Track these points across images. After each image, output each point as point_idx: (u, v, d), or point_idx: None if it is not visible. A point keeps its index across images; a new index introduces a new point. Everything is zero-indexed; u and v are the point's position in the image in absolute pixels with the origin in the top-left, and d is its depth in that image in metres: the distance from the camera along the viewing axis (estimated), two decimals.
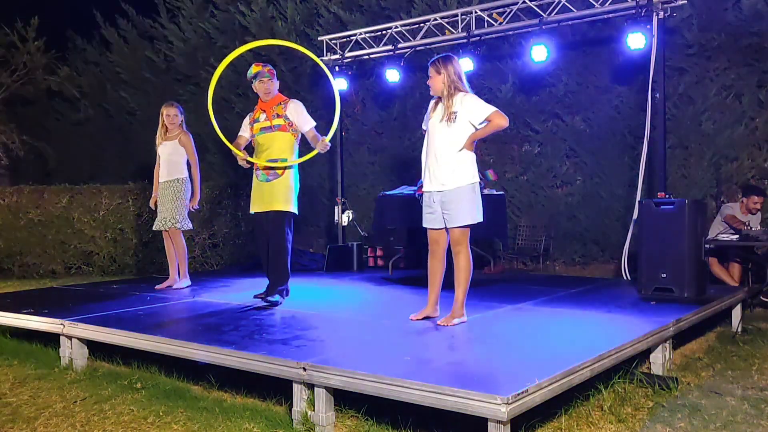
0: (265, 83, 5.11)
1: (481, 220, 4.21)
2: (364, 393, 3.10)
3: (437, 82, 4.23)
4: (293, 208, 5.10)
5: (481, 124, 4.15)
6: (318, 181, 10.00)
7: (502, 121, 4.13)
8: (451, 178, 4.15)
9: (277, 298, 5.01)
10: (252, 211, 5.19)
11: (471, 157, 4.20)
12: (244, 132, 5.26)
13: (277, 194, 5.04)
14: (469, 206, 4.15)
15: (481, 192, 4.29)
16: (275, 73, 5.18)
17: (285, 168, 5.06)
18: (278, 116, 5.07)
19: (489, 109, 4.14)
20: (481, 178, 4.28)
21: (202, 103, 11.28)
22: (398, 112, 9.24)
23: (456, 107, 4.16)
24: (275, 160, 5.04)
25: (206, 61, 10.90)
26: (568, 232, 8.12)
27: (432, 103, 4.36)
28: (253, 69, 5.12)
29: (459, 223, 4.14)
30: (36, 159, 12.80)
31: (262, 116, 5.13)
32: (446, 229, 4.24)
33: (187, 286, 6.20)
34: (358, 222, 8.58)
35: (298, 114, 5.11)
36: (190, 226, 6.28)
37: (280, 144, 5.06)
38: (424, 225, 4.33)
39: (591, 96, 7.90)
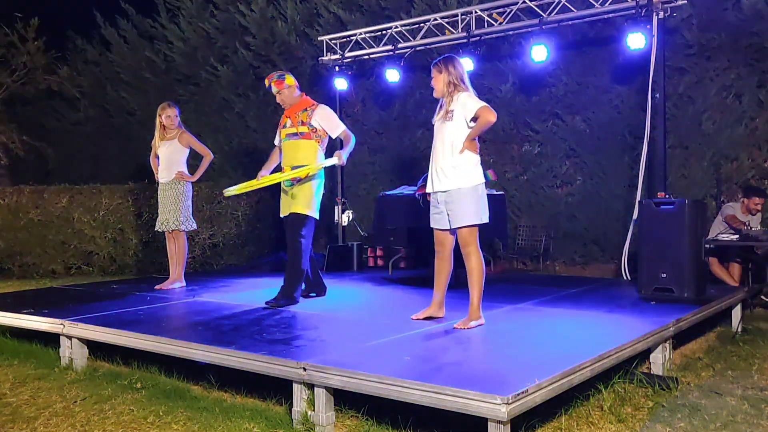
0: (278, 98, 5.19)
1: (486, 221, 4.19)
2: (364, 393, 3.10)
3: (439, 81, 4.24)
4: (312, 212, 5.13)
5: (472, 120, 4.14)
6: None
7: (490, 116, 4.08)
8: (452, 178, 4.14)
9: (281, 302, 4.99)
10: (281, 215, 5.28)
11: (474, 159, 4.17)
12: (276, 140, 5.36)
13: (298, 198, 5.12)
14: (472, 206, 4.12)
15: None
16: (285, 81, 5.13)
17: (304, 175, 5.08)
18: (303, 123, 5.11)
19: (478, 104, 4.11)
20: None
21: (203, 103, 11.35)
22: (398, 112, 9.24)
23: (453, 105, 4.17)
24: (300, 167, 5.05)
25: (206, 61, 10.90)
26: (568, 232, 8.12)
27: (439, 104, 4.37)
28: (266, 83, 5.20)
29: (462, 223, 4.12)
30: (36, 159, 12.78)
31: (288, 122, 5.19)
32: (452, 230, 4.23)
33: (180, 287, 6.20)
34: (358, 222, 8.58)
35: (325, 120, 5.15)
36: (195, 226, 6.28)
37: (304, 152, 5.12)
38: (432, 225, 4.33)
39: (591, 96, 7.89)
